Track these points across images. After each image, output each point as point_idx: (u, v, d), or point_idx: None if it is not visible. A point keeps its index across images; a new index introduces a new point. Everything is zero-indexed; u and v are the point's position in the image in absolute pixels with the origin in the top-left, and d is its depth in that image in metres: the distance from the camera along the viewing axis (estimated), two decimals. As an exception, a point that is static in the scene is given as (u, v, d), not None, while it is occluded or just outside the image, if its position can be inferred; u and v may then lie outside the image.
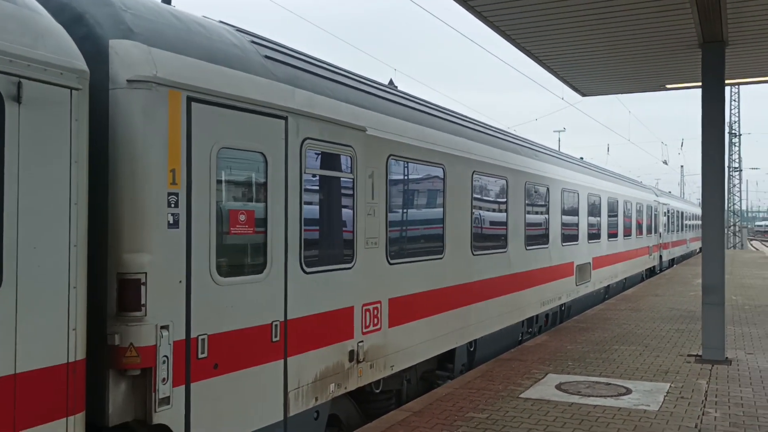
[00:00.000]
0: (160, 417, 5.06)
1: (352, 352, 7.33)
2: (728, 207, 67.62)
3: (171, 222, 5.17)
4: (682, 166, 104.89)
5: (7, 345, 4.02)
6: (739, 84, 13.56)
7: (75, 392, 4.43)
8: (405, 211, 8.66)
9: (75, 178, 4.44)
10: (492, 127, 12.69)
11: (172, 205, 5.19)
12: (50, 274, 4.27)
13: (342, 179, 7.29)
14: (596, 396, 8.46)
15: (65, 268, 4.37)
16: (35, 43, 4.22)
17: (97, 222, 4.93)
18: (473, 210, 10.49)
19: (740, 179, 67.25)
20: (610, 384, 9.08)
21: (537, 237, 13.66)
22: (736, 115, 63.45)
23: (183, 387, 5.25)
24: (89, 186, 4.63)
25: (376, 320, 7.80)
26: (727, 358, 10.76)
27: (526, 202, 12.96)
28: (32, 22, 4.27)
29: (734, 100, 63.36)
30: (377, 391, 8.10)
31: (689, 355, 11.01)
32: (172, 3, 6.45)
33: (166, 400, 5.10)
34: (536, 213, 13.66)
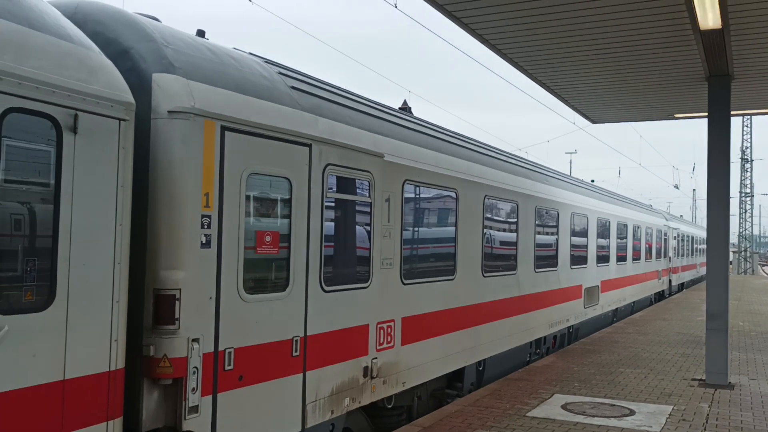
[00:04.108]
0: (189, 424, 5.42)
1: (366, 368, 7.67)
2: (740, 232, 67.50)
3: (204, 242, 5.57)
4: (694, 190, 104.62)
5: (58, 353, 4.41)
6: (744, 115, 13.88)
7: (115, 398, 4.81)
8: (419, 233, 9.04)
9: (120, 201, 4.85)
10: (503, 152, 13.08)
11: (205, 227, 5.58)
12: (97, 289, 4.67)
13: (360, 202, 7.68)
14: (600, 416, 8.75)
15: (110, 284, 4.77)
16: (90, 78, 4.65)
17: (136, 240, 5.33)
18: (484, 233, 10.84)
19: (752, 204, 67.11)
20: (614, 405, 9.37)
21: (546, 259, 13.98)
22: (749, 141, 63.55)
23: (210, 397, 5.61)
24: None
25: (389, 338, 8.14)
26: (730, 382, 11.01)
27: (536, 225, 13.30)
28: (87, 59, 4.71)
29: (746, 126, 63.50)
30: (389, 406, 8.43)
31: (693, 379, 11.27)
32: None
33: (195, 409, 5.46)
34: (546, 236, 13.99)
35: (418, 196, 8.99)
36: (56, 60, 4.44)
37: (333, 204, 7.17)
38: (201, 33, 6.81)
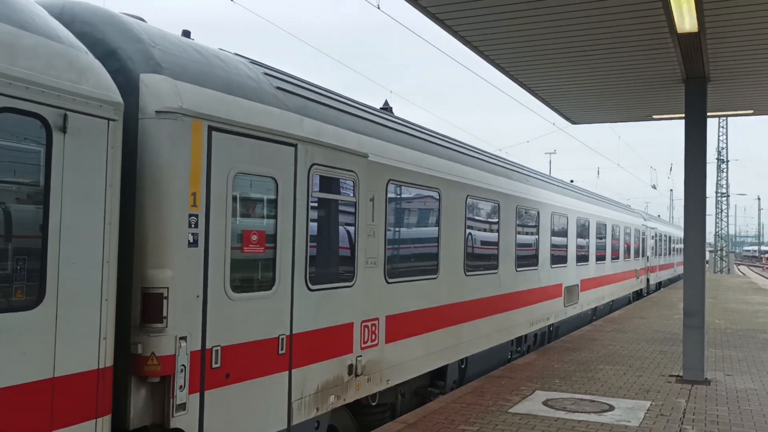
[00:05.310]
0: (176, 422, 5.47)
1: (351, 366, 7.75)
2: (716, 232, 68.45)
3: (191, 241, 5.62)
4: (671, 190, 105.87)
5: (47, 351, 4.44)
6: (720, 116, 14.18)
7: (103, 396, 4.85)
8: (402, 232, 9.14)
9: (109, 200, 4.89)
10: (485, 152, 13.22)
11: (193, 226, 5.63)
12: (86, 288, 4.70)
13: (345, 202, 7.76)
14: (581, 412, 8.91)
15: (98, 282, 4.81)
16: (79, 78, 4.69)
17: (124, 240, 5.36)
18: (466, 232, 10.97)
19: (728, 204, 68.06)
20: (594, 401, 9.54)
21: (527, 259, 14.15)
22: (724, 142, 64.47)
23: (198, 394, 5.66)
24: (118, 207, 5.06)
25: (374, 336, 8.23)
26: (706, 378, 11.24)
27: (517, 224, 13.46)
28: (76, 60, 4.74)
29: (722, 127, 64.40)
30: (373, 403, 8.52)
31: (671, 376, 11.49)
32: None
33: (182, 406, 5.51)
34: (526, 235, 14.17)
35: (401, 196, 9.09)
36: (46, 60, 4.47)
37: (318, 203, 7.25)
38: (186, 33, 6.85)
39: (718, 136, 64.54)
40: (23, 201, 4.43)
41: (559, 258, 16.47)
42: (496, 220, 12.46)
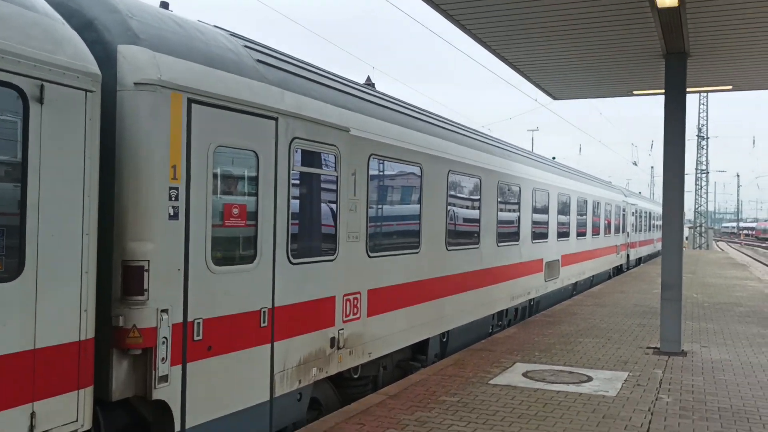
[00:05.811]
0: (158, 393, 5.50)
1: (333, 339, 7.81)
2: (695, 208, 69.23)
3: (171, 214, 5.61)
4: (652, 167, 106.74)
5: (27, 323, 4.44)
6: (700, 92, 14.28)
7: (85, 368, 4.87)
8: (384, 207, 9.17)
9: (88, 172, 4.87)
10: (467, 128, 13.24)
11: (173, 198, 5.62)
12: (65, 260, 4.70)
13: (327, 176, 7.76)
14: (560, 383, 9.06)
15: (78, 255, 4.80)
16: (56, 49, 4.64)
17: (104, 212, 5.34)
18: (448, 207, 11.03)
19: (707, 181, 68.79)
20: (573, 372, 9.70)
21: (508, 234, 14.26)
22: (704, 119, 64.95)
23: (180, 366, 5.69)
24: (97, 179, 5.03)
25: (355, 310, 8.29)
26: (683, 350, 11.46)
27: (499, 200, 13.54)
28: (53, 30, 4.69)
29: (703, 104, 64.84)
30: (355, 376, 8.60)
31: (648, 348, 11.70)
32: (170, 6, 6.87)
33: (164, 378, 5.54)
34: (508, 211, 14.26)
35: (383, 171, 9.10)
36: (22, 30, 4.42)
37: (299, 177, 7.24)
38: (165, 5, 6.77)
39: (699, 113, 64.98)
40: (0, 173, 4.40)
41: (540, 234, 16.61)
42: (478, 195, 12.52)
